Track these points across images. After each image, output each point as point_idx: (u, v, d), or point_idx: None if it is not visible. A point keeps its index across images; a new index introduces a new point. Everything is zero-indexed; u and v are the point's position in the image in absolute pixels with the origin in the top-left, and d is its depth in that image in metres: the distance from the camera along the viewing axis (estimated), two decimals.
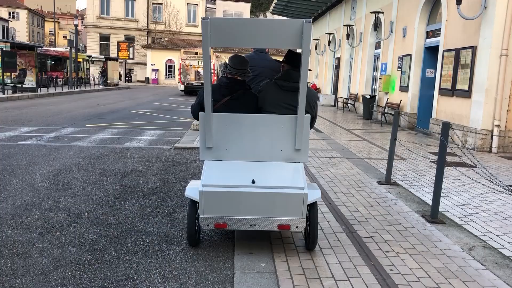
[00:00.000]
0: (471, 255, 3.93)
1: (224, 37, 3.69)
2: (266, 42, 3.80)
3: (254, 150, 4.03)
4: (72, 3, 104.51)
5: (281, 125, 3.98)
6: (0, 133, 10.30)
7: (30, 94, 22.57)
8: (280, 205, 3.76)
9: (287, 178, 3.90)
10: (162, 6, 53.54)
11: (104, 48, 53.13)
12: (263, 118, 4.00)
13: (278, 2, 27.26)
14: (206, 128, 3.94)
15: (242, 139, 4.02)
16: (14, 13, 76.52)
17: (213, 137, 3.99)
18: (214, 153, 4.04)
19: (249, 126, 3.99)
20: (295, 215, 3.77)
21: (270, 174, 3.90)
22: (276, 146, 4.03)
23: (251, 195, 3.74)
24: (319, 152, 8.90)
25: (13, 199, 5.34)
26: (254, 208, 3.77)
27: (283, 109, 4.08)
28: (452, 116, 11.00)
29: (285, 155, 4.04)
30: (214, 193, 3.75)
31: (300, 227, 3.80)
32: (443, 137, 4.78)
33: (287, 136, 4.01)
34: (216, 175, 3.88)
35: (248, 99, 4.17)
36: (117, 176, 6.64)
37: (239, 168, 3.96)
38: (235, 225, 3.81)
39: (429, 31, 13.22)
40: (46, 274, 3.44)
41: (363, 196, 5.78)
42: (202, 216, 3.77)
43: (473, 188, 6.37)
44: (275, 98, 4.12)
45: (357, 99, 19.29)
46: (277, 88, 4.13)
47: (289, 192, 3.73)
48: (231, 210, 3.78)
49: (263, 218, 3.78)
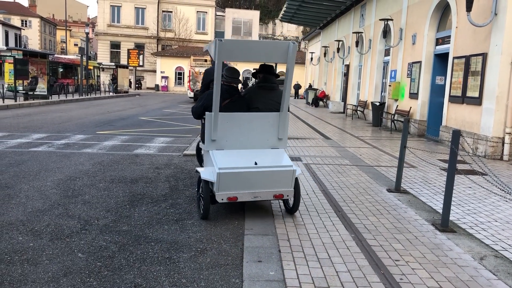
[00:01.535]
0: (482, 265, 3.88)
1: (233, 54, 4.92)
2: (263, 58, 5.11)
3: (247, 141, 5.21)
4: (83, 11, 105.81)
5: (268, 120, 5.25)
6: (12, 140, 10.41)
7: (42, 101, 22.83)
8: (276, 180, 4.95)
9: (279, 159, 5.16)
10: (172, 14, 53.99)
11: (115, 55, 53.65)
12: (255, 115, 5.23)
13: (287, 10, 27.35)
14: (213, 125, 5.00)
15: (238, 132, 5.17)
16: (26, 21, 77.60)
17: (217, 132, 5.05)
18: (217, 144, 5.11)
19: (244, 122, 5.18)
20: (286, 187, 5.01)
21: (265, 158, 5.09)
22: (264, 136, 5.29)
23: (255, 174, 4.87)
24: (328, 160, 8.87)
25: (24, 205, 5.39)
26: (257, 183, 4.89)
27: (266, 105, 5.37)
28: (463, 123, 10.91)
29: (270, 143, 5.33)
30: (228, 174, 4.77)
31: (290, 195, 5.03)
32: (453, 144, 4.74)
33: (272, 129, 5.30)
34: (227, 160, 4.91)
35: (242, 101, 5.38)
36: (127, 183, 6.68)
37: (240, 155, 5.08)
38: (243, 197, 4.90)
39: (438, 38, 13.17)
40: (56, 280, 3.46)
41: (372, 204, 5.75)
42: (218, 192, 4.80)
43: (484, 196, 6.30)
44: (259, 97, 5.42)
45: (366, 106, 19.23)
46: (260, 89, 5.49)
47: (283, 169, 4.97)
48: (240, 186, 4.85)
49: (264, 191, 4.94)
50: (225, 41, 4.74)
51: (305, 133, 13.37)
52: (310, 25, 34.26)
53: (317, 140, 11.85)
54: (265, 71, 5.56)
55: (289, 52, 4.98)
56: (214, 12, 56.19)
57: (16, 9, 77.61)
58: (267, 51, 5.10)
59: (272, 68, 5.60)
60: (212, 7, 55.77)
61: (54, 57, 34.20)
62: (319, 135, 12.94)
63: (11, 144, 9.81)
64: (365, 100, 19.52)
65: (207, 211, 4.97)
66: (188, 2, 54.42)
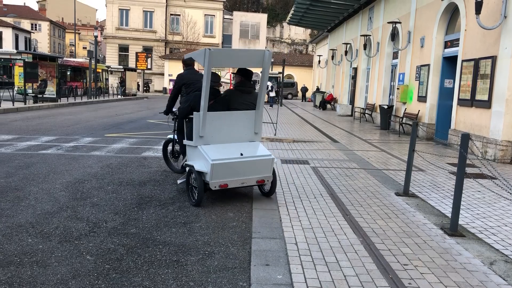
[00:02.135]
0: (492, 270, 3.85)
1: (220, 61, 5.83)
2: (244, 63, 6.07)
3: (229, 136, 5.96)
4: (92, 15, 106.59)
5: (246, 117, 6.06)
6: (21, 143, 10.50)
7: (51, 104, 23.02)
8: (258, 167, 5.79)
9: (258, 150, 6.00)
10: (180, 17, 54.23)
11: (123, 58, 53.98)
12: (235, 113, 6.00)
13: (295, 13, 27.38)
14: (201, 123, 5.65)
15: (222, 128, 5.90)
16: (36, 25, 78.37)
17: (205, 129, 5.71)
18: (204, 140, 5.77)
19: (226, 119, 5.93)
20: (267, 173, 5.89)
21: (247, 149, 5.88)
22: (242, 131, 6.08)
23: (242, 163, 5.66)
24: (336, 163, 8.85)
25: (33, 208, 5.43)
26: (243, 171, 5.69)
27: (243, 105, 6.12)
28: (472, 126, 10.84)
29: (248, 137, 6.15)
30: (220, 164, 5.49)
31: (270, 180, 5.94)
32: (462, 148, 4.70)
33: (250, 125, 6.11)
34: (217, 153, 5.60)
35: (223, 102, 6.16)
36: (135, 186, 6.71)
37: (226, 148, 5.80)
38: (232, 184, 5.68)
39: (447, 41, 13.10)
40: (65, 283, 3.48)
41: (380, 207, 5.72)
42: (212, 181, 5.50)
43: (494, 201, 6.24)
44: (237, 98, 6.16)
45: (374, 109, 19.17)
46: (239, 92, 6.21)
47: (264, 158, 5.84)
48: (229, 174, 5.61)
49: (249, 177, 5.76)
50: (214, 50, 5.44)
51: (312, 136, 13.35)
52: (318, 28, 34.26)
53: (325, 143, 11.82)
54: (243, 76, 6.29)
55: (265, 58, 5.83)
56: (222, 15, 56.36)
57: (26, 13, 78.42)
58: (247, 58, 6.10)
59: (250, 72, 6.35)
60: (220, 11, 55.94)
61: (63, 60, 34.50)
62: (327, 138, 12.92)
63: (21, 147, 9.90)
64: (373, 103, 19.46)
65: (201, 198, 5.59)
66: (196, 6, 54.65)
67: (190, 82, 6.90)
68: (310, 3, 23.25)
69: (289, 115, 21.66)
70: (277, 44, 64.76)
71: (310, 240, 4.41)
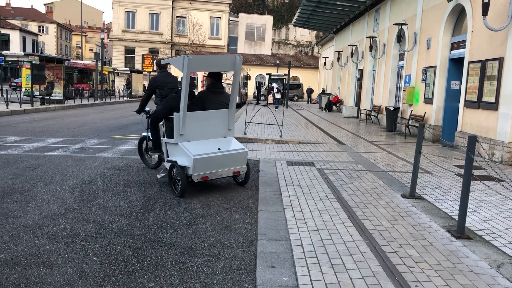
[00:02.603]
0: (500, 273, 3.82)
1: (198, 66, 6.57)
2: (218, 68, 6.78)
3: (205, 133, 6.56)
4: (98, 17, 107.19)
5: (220, 116, 6.71)
6: (29, 144, 10.57)
7: (57, 106, 23.14)
8: (234, 160, 6.45)
9: (233, 145, 6.65)
10: (186, 19, 54.39)
11: (129, 60, 54.21)
12: (211, 112, 6.61)
13: (300, 15, 27.37)
14: (182, 122, 6.21)
15: (199, 126, 6.48)
16: (43, 27, 78.94)
17: (185, 128, 6.28)
18: (184, 137, 6.33)
19: (203, 118, 6.52)
20: (242, 164, 6.59)
21: (223, 144, 6.53)
22: (218, 128, 6.70)
23: (220, 157, 6.31)
24: (342, 165, 8.83)
25: (40, 209, 5.46)
26: (221, 164, 6.32)
27: (217, 105, 6.72)
28: (478, 128, 10.78)
29: (222, 133, 6.77)
30: (201, 159, 6.10)
31: (244, 171, 6.69)
32: (469, 150, 4.68)
33: (224, 122, 6.75)
34: (197, 149, 6.20)
35: (198, 102, 6.70)
36: (141, 187, 6.73)
37: (205, 144, 6.40)
38: (212, 176, 6.32)
39: (454, 42, 13.05)
40: (71, 284, 3.50)
41: (387, 210, 5.70)
42: (194, 174, 6.09)
43: (501, 203, 6.20)
44: (210, 98, 6.76)
45: (380, 111, 19.12)
46: (211, 93, 6.80)
47: (239, 152, 6.52)
48: (209, 167, 6.23)
49: (226, 169, 6.41)
50: (192, 57, 6.04)
51: (318, 138, 13.33)
52: (324, 30, 34.24)
53: (331, 145, 11.80)
54: (214, 78, 6.84)
55: (236, 63, 6.57)
56: (228, 17, 56.48)
57: (33, 16, 79.00)
58: (221, 62, 6.78)
59: (220, 75, 6.93)
60: (225, 13, 56.06)
61: (70, 63, 34.71)
62: (333, 140, 12.89)
63: (28, 148, 9.96)
64: (379, 105, 19.40)
65: (185, 190, 6.13)
66: (202, 8, 54.81)
67: (164, 84, 7.46)
68: (316, 5, 23.25)
69: (294, 117, 21.64)
70: (282, 46, 64.81)
71: (316, 242, 4.40)
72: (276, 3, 69.03)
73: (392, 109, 16.47)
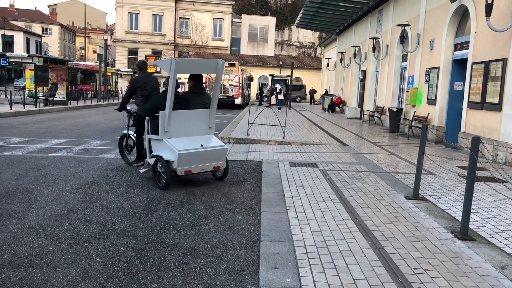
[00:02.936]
0: (504, 274, 3.80)
1: (184, 68, 6.93)
2: (202, 70, 7.51)
3: (188, 130, 7.04)
4: (102, 19, 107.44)
5: (202, 115, 7.23)
6: (32, 145, 10.60)
7: (61, 107, 23.20)
8: (215, 156, 6.97)
9: (213, 142, 7.17)
10: (189, 20, 54.49)
11: (132, 61, 54.25)
12: (193, 111, 7.12)
13: (303, 16, 27.36)
14: (167, 120, 6.66)
15: (183, 124, 6.96)
16: (47, 29, 79.15)
17: (170, 125, 6.72)
18: (169, 134, 6.77)
19: (186, 117, 7.00)
20: (222, 160, 7.11)
21: (205, 141, 7.05)
22: (199, 127, 7.21)
23: (203, 152, 6.83)
24: (345, 166, 8.82)
25: (43, 210, 5.47)
26: (202, 159, 6.82)
27: (199, 105, 7.25)
28: (482, 129, 10.75)
29: (203, 131, 7.29)
30: (185, 154, 6.59)
31: (223, 166, 7.20)
32: (472, 151, 4.67)
33: (205, 121, 7.27)
34: (182, 145, 6.66)
35: (181, 102, 7.12)
36: (144, 188, 6.74)
37: (188, 140, 6.89)
38: (194, 170, 6.81)
39: (457, 43, 13.01)
40: (74, 285, 3.50)
41: (390, 211, 5.69)
42: (178, 168, 6.56)
43: (505, 204, 6.18)
44: (193, 99, 7.26)
45: (383, 112, 19.08)
46: (194, 94, 7.32)
47: (220, 148, 7.06)
48: (192, 162, 6.71)
49: (208, 164, 6.92)
50: (179, 60, 6.55)
51: (321, 139, 13.32)
52: (327, 31, 34.21)
53: (334, 146, 11.79)
54: (196, 80, 7.34)
55: (218, 66, 7.18)
56: (231, 18, 56.53)
57: (37, 17, 79.26)
58: (204, 66, 7.57)
59: (201, 77, 7.44)
60: (228, 14, 56.12)
61: (73, 64, 34.81)
62: (336, 141, 12.88)
63: (31, 149, 9.99)
64: (382, 106, 19.37)
65: (169, 183, 6.60)
66: (204, 9, 54.90)
67: (144, 85, 7.88)
68: (319, 6, 23.22)
69: (297, 118, 21.63)
70: (285, 47, 64.80)
71: (319, 243, 4.39)
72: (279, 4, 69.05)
73: (395, 110, 16.44)
